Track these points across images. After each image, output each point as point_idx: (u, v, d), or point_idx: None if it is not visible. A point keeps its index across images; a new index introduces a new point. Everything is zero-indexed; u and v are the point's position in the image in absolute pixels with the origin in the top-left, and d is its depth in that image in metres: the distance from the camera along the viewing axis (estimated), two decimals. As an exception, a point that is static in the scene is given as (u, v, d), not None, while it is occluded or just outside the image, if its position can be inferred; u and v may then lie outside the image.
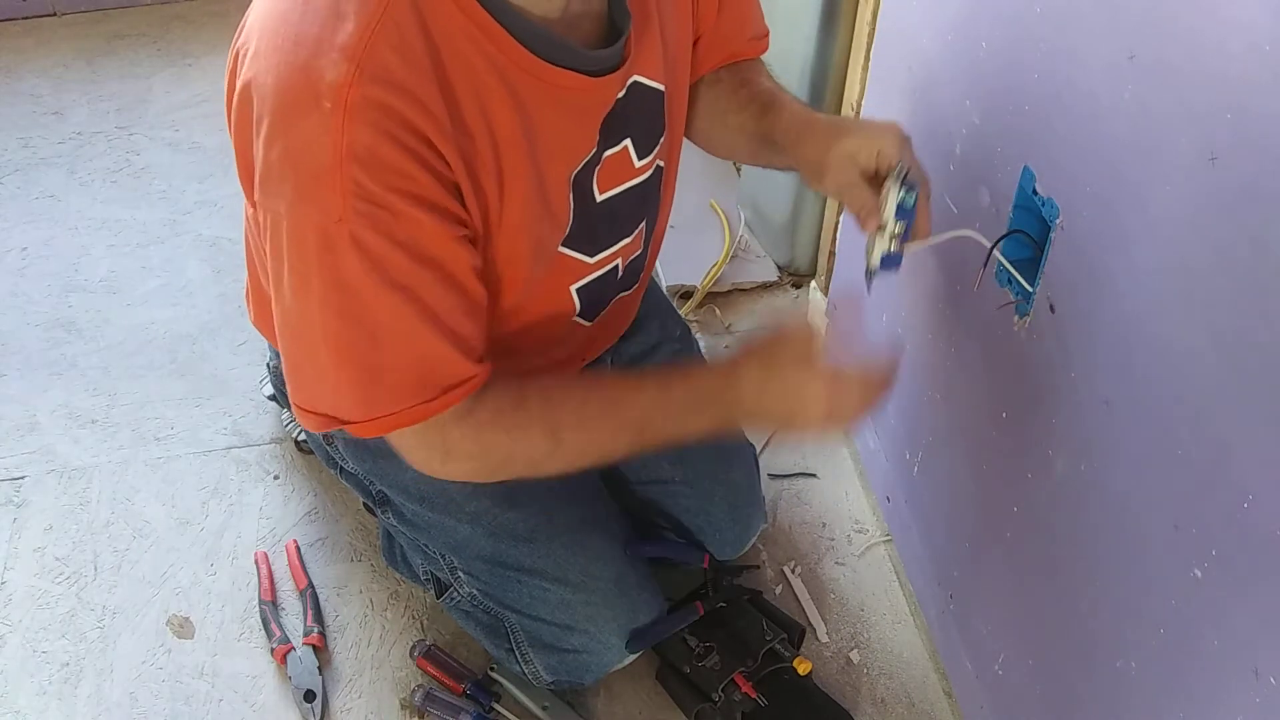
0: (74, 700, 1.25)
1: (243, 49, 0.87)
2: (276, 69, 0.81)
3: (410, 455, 0.98)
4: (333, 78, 0.79)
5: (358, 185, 0.80)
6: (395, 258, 0.83)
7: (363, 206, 0.81)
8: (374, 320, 0.86)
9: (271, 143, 0.82)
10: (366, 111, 0.79)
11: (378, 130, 0.80)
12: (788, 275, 1.80)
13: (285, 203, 0.83)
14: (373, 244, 0.82)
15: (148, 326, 1.69)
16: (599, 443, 1.00)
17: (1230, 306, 0.71)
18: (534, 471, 1.00)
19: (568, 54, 0.89)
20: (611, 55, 0.93)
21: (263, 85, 0.82)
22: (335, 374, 0.90)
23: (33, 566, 1.38)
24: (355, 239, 0.82)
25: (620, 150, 1.00)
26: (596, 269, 1.06)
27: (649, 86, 1.00)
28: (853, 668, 1.31)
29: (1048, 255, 0.93)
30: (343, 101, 0.78)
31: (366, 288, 0.84)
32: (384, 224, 0.82)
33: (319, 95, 0.79)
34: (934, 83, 1.13)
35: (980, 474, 1.13)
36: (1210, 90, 0.69)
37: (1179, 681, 0.81)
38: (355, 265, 0.83)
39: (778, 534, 1.44)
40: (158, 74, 2.20)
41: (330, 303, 0.85)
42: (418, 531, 1.21)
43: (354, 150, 0.79)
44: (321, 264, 0.83)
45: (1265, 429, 0.69)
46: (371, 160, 0.80)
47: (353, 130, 0.79)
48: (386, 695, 1.26)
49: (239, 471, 1.49)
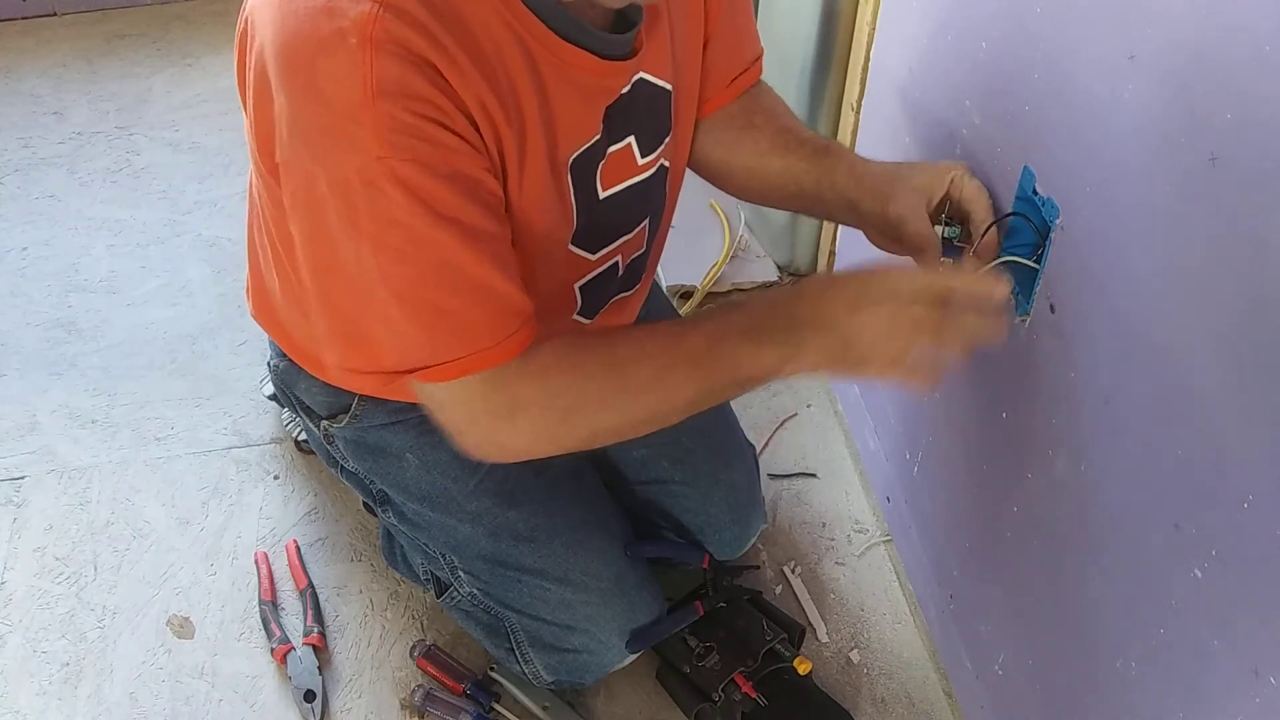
0: (74, 700, 1.25)
1: (250, 23, 0.86)
2: (296, 16, 0.80)
3: (474, 423, 0.91)
4: (356, 13, 0.78)
5: (392, 118, 0.79)
6: (439, 189, 0.82)
7: (400, 140, 0.79)
8: (431, 258, 0.84)
9: (295, 91, 0.81)
10: (390, 45, 0.78)
11: (403, 61, 0.79)
12: (788, 275, 1.80)
13: (318, 153, 0.82)
14: (416, 179, 0.81)
15: (148, 326, 1.69)
16: (663, 380, 0.90)
17: (1230, 306, 0.71)
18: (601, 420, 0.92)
19: (582, 33, 0.89)
20: (624, 42, 0.93)
21: (278, 39, 0.81)
22: (400, 319, 0.86)
23: (33, 566, 1.38)
24: (397, 175, 0.80)
25: (624, 147, 1.00)
26: (598, 265, 1.06)
27: (656, 85, 1.00)
28: (853, 668, 1.31)
29: (1047, 255, 0.93)
30: (368, 36, 0.78)
31: (418, 224, 0.82)
32: (423, 155, 0.80)
33: (343, 32, 0.78)
34: (934, 82, 1.14)
35: (980, 474, 1.13)
36: (1210, 90, 0.69)
37: (1179, 681, 0.81)
38: (402, 203, 0.81)
39: (778, 534, 1.44)
40: (158, 74, 2.20)
41: (385, 245, 0.83)
42: (418, 531, 1.21)
43: (383, 84, 0.78)
44: (369, 208, 0.81)
45: (1265, 429, 0.69)
46: (400, 90, 0.79)
47: (380, 63, 0.78)
48: (386, 695, 1.27)
49: (239, 471, 1.49)
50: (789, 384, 1.64)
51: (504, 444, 0.93)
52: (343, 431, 1.19)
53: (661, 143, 1.04)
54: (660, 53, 0.99)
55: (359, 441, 1.19)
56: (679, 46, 1.02)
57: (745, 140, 1.14)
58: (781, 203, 1.16)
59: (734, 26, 1.10)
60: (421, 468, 1.16)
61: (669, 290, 1.72)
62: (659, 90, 1.01)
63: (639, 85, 0.98)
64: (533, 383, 0.90)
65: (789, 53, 1.53)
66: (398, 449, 1.17)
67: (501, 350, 0.87)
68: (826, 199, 1.09)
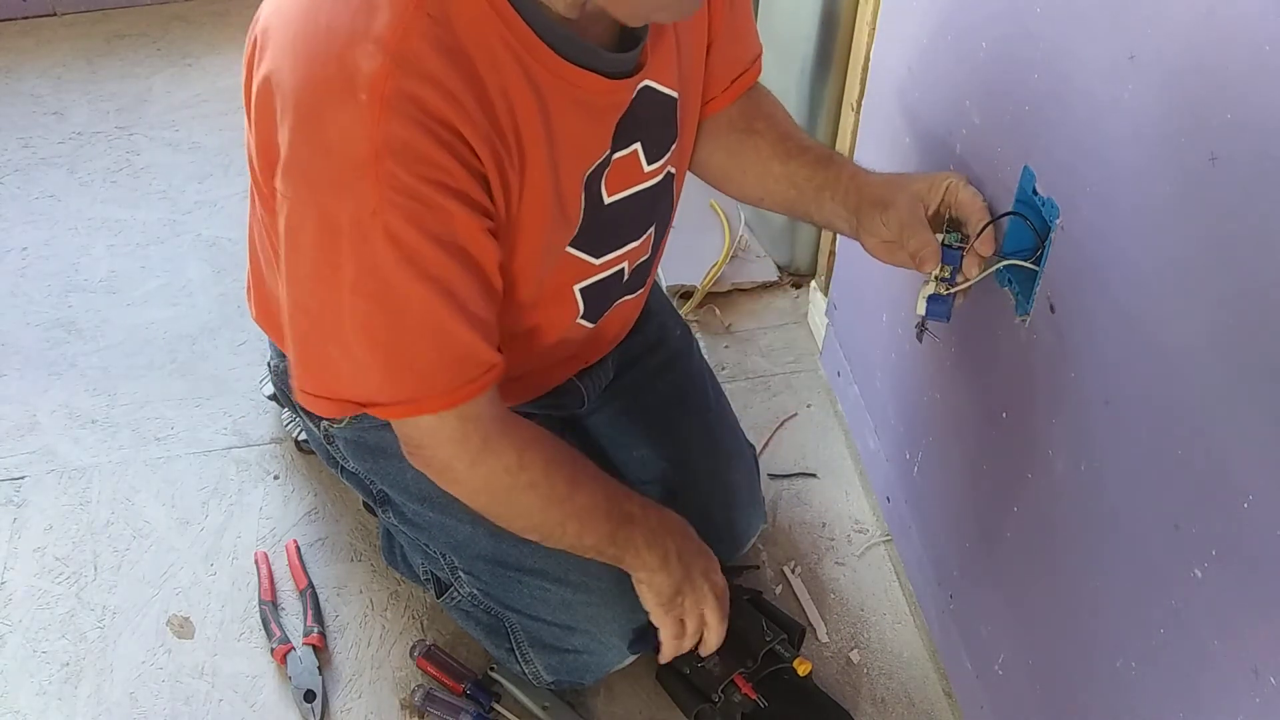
0: (74, 700, 1.25)
1: (262, 38, 0.86)
2: (308, 58, 0.81)
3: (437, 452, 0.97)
4: (369, 69, 0.78)
5: (393, 178, 0.80)
6: (427, 250, 0.84)
7: (398, 199, 0.81)
8: (405, 308, 0.86)
9: (301, 132, 0.82)
10: (402, 104, 0.79)
11: (413, 123, 0.79)
12: (788, 275, 1.80)
13: (315, 192, 0.83)
14: (406, 236, 0.82)
15: (148, 326, 1.69)
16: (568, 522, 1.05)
17: (1230, 306, 0.71)
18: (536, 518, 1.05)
19: (588, 54, 0.90)
20: (629, 59, 0.93)
21: (291, 74, 0.82)
22: (364, 357, 0.89)
23: (33, 566, 1.38)
24: (389, 231, 0.82)
25: (630, 154, 1.00)
26: (601, 270, 1.06)
27: (661, 92, 1.00)
28: (853, 668, 1.31)
29: (1047, 255, 0.93)
30: (379, 94, 0.78)
31: (399, 278, 0.84)
32: (417, 216, 0.82)
33: (355, 87, 0.79)
34: (934, 83, 1.13)
35: (980, 474, 1.13)
36: (1210, 90, 0.69)
37: (1179, 681, 0.81)
38: (389, 256, 0.83)
39: (778, 534, 1.44)
40: (158, 74, 2.20)
41: (361, 289, 0.85)
42: (419, 531, 1.21)
43: (390, 144, 0.79)
44: (355, 253, 0.83)
45: (1265, 429, 0.69)
46: (407, 153, 0.80)
47: (389, 123, 0.79)
48: (386, 695, 1.26)
49: (239, 471, 1.49)
50: (789, 384, 1.64)
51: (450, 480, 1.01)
52: (343, 432, 1.19)
53: (668, 150, 1.04)
54: (666, 60, 0.99)
55: (359, 442, 1.19)
56: (685, 54, 1.02)
57: (747, 145, 1.15)
58: (780, 208, 1.17)
59: (734, 27, 1.10)
60: (422, 468, 1.16)
61: (669, 290, 1.72)
62: (665, 98, 1.01)
63: (644, 93, 0.98)
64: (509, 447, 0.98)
65: (789, 53, 1.53)
66: (397, 449, 1.16)
67: (464, 392, 0.92)
68: (826, 206, 1.10)
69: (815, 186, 1.10)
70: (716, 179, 1.19)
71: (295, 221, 0.86)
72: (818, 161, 1.11)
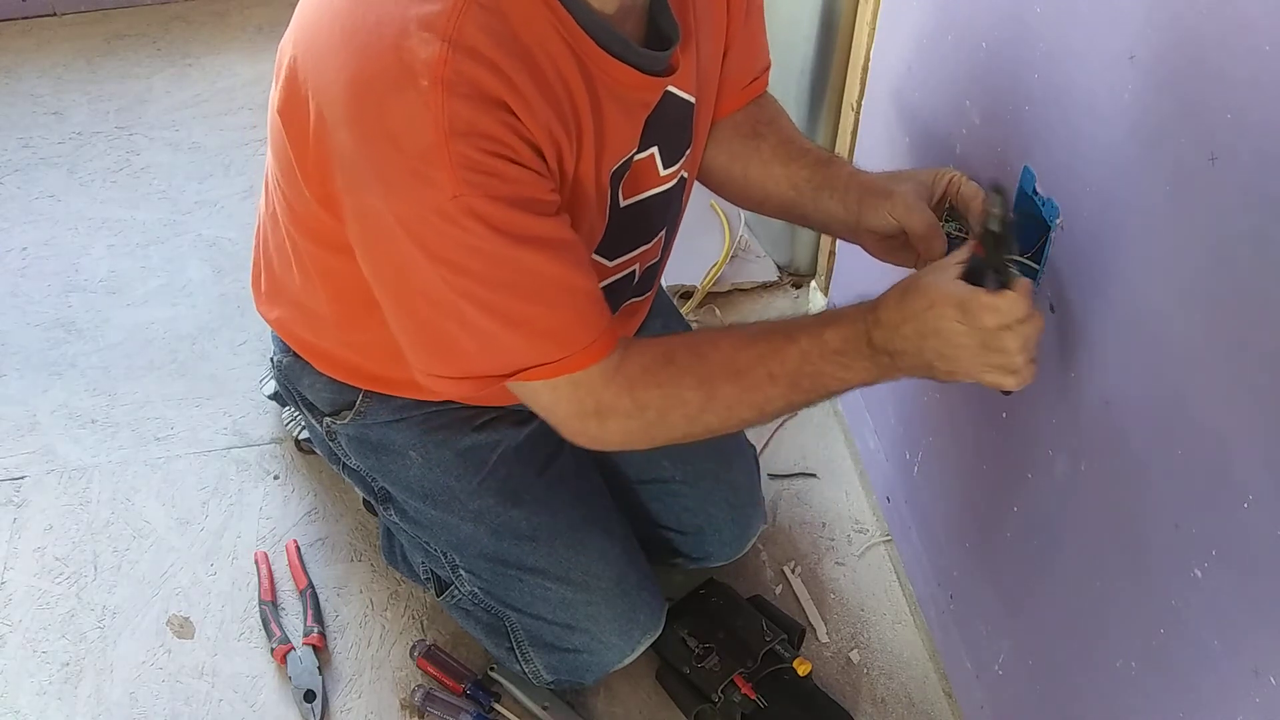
0: (74, 700, 1.25)
1: (300, 49, 0.87)
2: (360, 53, 0.81)
3: (565, 422, 0.96)
4: (427, 55, 0.79)
5: (465, 157, 0.80)
6: (515, 217, 0.84)
7: (473, 177, 0.81)
8: (516, 274, 0.86)
9: (361, 128, 0.82)
10: (461, 85, 0.79)
11: (474, 103, 0.80)
12: (788, 275, 1.80)
13: (390, 187, 0.83)
14: (491, 210, 0.83)
15: (148, 326, 1.69)
16: (753, 395, 0.94)
17: (1230, 306, 0.71)
18: (690, 428, 0.96)
19: (627, 49, 0.90)
20: (661, 59, 0.94)
21: (342, 73, 0.82)
22: (493, 329, 0.89)
23: (33, 566, 1.38)
24: (474, 210, 0.82)
25: (647, 157, 1.01)
26: (614, 273, 1.07)
27: (680, 98, 1.01)
28: (853, 668, 1.31)
29: (1047, 255, 0.93)
30: (440, 77, 0.79)
31: (499, 248, 0.84)
32: (495, 189, 0.82)
33: (414, 74, 0.79)
34: (934, 82, 1.14)
35: (980, 474, 1.13)
36: (1210, 90, 0.69)
37: (1179, 681, 0.81)
38: (482, 232, 0.83)
39: (778, 534, 1.44)
40: (158, 74, 2.20)
41: (468, 270, 0.85)
42: (420, 529, 1.21)
43: (455, 124, 0.80)
44: (451, 239, 0.84)
45: (1265, 429, 0.69)
46: (473, 132, 0.80)
47: (452, 105, 0.79)
48: (386, 695, 1.27)
49: (239, 471, 1.49)
50: (789, 384, 1.64)
51: (596, 439, 0.97)
52: (346, 428, 1.19)
53: (683, 155, 1.05)
54: (688, 66, 1.00)
55: (362, 438, 1.19)
56: (703, 61, 1.03)
57: (750, 149, 1.15)
58: (779, 211, 1.17)
59: (749, 35, 1.11)
60: (424, 465, 1.16)
61: (669, 290, 1.72)
62: (683, 103, 1.01)
63: (666, 98, 0.98)
64: (620, 393, 0.93)
65: (789, 53, 1.53)
66: (401, 446, 1.17)
67: (595, 349, 0.91)
68: (824, 205, 1.10)
69: (814, 187, 1.11)
70: (718, 183, 1.19)
71: (373, 224, 0.86)
72: (818, 163, 1.12)
